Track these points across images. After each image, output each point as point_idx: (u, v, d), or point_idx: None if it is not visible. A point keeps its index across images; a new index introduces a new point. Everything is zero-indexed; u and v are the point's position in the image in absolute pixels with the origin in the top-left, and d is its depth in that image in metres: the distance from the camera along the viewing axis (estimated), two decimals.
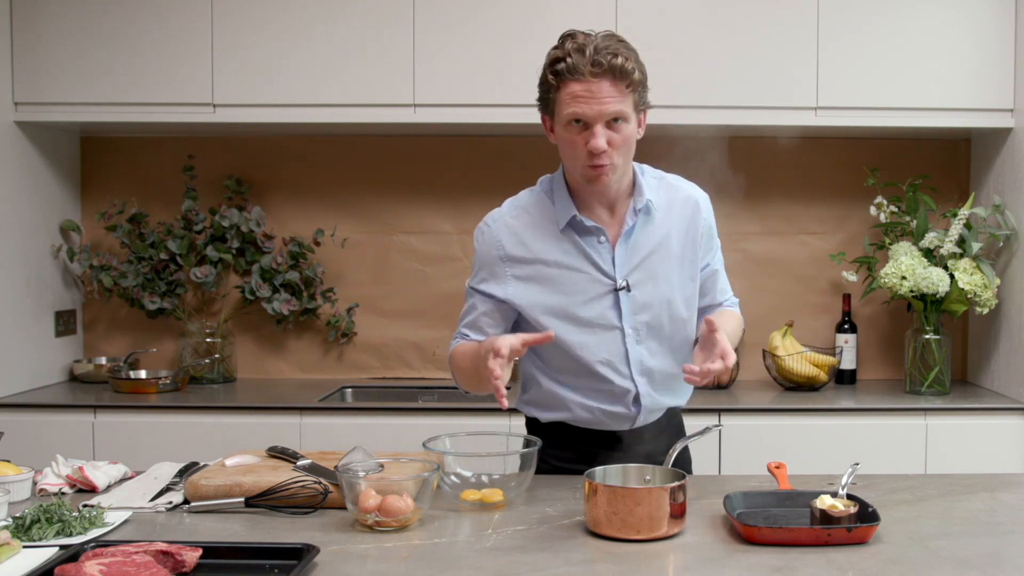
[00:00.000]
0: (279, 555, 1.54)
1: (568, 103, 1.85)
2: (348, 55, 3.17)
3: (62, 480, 1.98)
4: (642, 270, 1.98)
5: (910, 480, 2.08)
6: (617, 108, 1.83)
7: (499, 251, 2.01)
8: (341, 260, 3.60)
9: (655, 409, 2.05)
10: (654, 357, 2.00)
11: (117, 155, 3.61)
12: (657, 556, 1.59)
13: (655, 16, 3.16)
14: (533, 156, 3.56)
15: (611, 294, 1.96)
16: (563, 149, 1.92)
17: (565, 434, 2.07)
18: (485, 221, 2.05)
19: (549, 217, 1.99)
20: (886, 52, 3.16)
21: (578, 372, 2.00)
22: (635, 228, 1.97)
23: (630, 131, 1.88)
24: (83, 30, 3.19)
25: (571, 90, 1.84)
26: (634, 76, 1.84)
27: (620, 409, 2.01)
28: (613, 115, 1.84)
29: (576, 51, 1.84)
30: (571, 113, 1.85)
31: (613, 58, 1.82)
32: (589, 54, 1.82)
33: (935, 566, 1.54)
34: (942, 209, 3.42)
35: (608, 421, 2.03)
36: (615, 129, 1.86)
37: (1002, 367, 3.26)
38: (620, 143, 1.87)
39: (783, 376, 3.33)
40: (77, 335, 3.59)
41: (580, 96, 1.83)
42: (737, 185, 3.43)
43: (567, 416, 2.04)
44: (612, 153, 1.86)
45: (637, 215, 1.97)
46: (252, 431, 3.00)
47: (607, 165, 1.87)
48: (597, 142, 1.83)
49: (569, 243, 1.97)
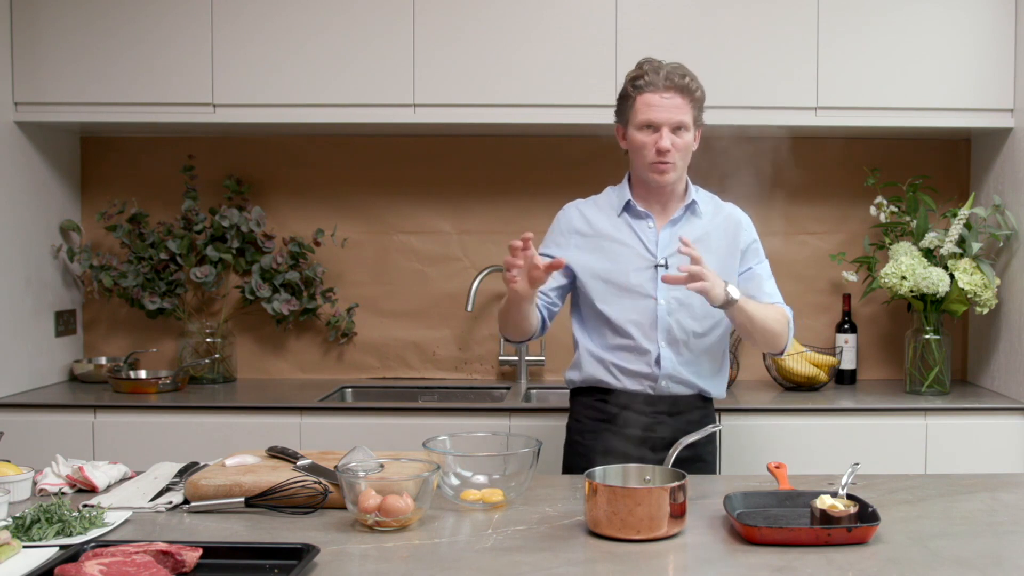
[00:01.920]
0: (279, 555, 1.54)
1: (643, 110, 2.28)
2: (348, 55, 3.17)
3: (62, 480, 1.98)
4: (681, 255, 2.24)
5: (910, 480, 2.08)
6: (681, 118, 2.28)
7: (568, 225, 2.42)
8: (341, 260, 3.60)
9: (677, 377, 2.33)
10: (682, 330, 2.32)
11: (117, 155, 3.61)
12: (657, 556, 1.59)
13: (655, 16, 3.16)
14: (533, 156, 3.57)
15: (651, 269, 2.33)
16: (634, 150, 2.33)
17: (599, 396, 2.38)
18: (567, 204, 2.48)
19: (612, 205, 2.42)
20: (886, 52, 3.16)
21: (613, 330, 2.34)
22: (680, 219, 2.38)
23: (689, 139, 2.32)
24: (83, 30, 3.19)
25: (647, 100, 2.28)
26: (696, 94, 2.32)
27: (643, 368, 2.32)
28: (678, 123, 2.28)
29: (652, 71, 2.29)
30: (645, 119, 2.28)
31: (681, 78, 2.29)
32: (663, 74, 2.28)
33: (935, 566, 1.54)
34: (942, 209, 3.42)
35: (634, 380, 2.33)
36: (678, 135, 2.29)
37: (1002, 367, 3.26)
38: (681, 147, 2.30)
39: (783, 376, 3.33)
40: (77, 335, 3.59)
41: (654, 105, 2.27)
42: (737, 185, 3.43)
43: (601, 373, 2.35)
44: (675, 154, 2.28)
45: (685, 211, 2.38)
46: (252, 431, 3.00)
47: (670, 164, 2.28)
48: (664, 142, 2.26)
49: (624, 224, 2.39)
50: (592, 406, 2.39)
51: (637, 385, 2.34)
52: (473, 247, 3.60)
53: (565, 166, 3.52)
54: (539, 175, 3.55)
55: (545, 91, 3.15)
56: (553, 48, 3.16)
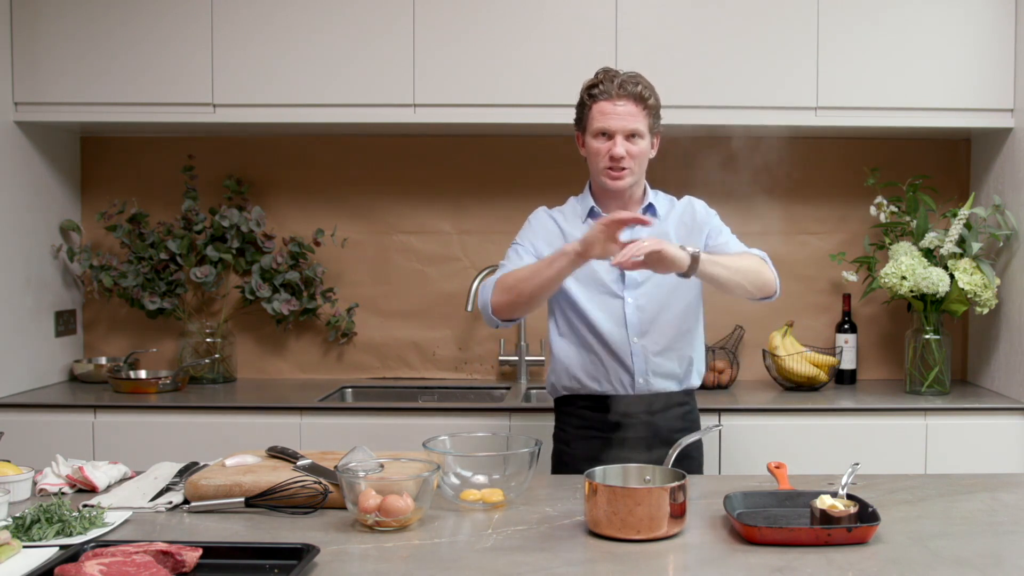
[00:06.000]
0: (279, 555, 1.54)
1: (598, 118, 2.33)
2: (348, 55, 3.17)
3: (62, 480, 1.98)
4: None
5: (910, 480, 2.08)
6: (635, 126, 2.31)
7: (539, 224, 2.47)
8: (341, 260, 3.60)
9: (654, 370, 2.38)
10: (651, 320, 2.38)
11: (117, 155, 3.61)
12: (657, 556, 1.59)
13: (655, 16, 3.16)
14: (533, 156, 3.57)
15: (615, 270, 2.33)
16: (590, 157, 2.38)
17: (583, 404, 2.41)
18: (536, 209, 2.54)
19: (577, 213, 2.48)
20: (886, 52, 3.16)
21: (589, 331, 2.37)
22: None
23: (644, 146, 2.35)
24: (83, 30, 3.19)
25: (601, 108, 2.32)
26: (649, 102, 2.34)
27: (620, 366, 2.36)
28: (631, 131, 2.31)
29: (607, 80, 2.33)
30: (599, 127, 2.32)
31: (634, 87, 2.32)
32: (617, 82, 2.32)
33: (935, 566, 1.54)
34: (942, 209, 3.42)
35: (613, 380, 2.37)
36: (632, 142, 2.32)
37: (1002, 367, 3.26)
38: (636, 154, 2.33)
39: (783, 376, 3.33)
40: (77, 335, 3.59)
41: (608, 113, 2.31)
42: (737, 185, 3.43)
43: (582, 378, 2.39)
44: (629, 160, 2.31)
45: (643, 213, 2.37)
46: (252, 431, 3.00)
47: (625, 169, 2.32)
48: (618, 150, 2.30)
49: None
50: (575, 414, 2.43)
51: (617, 386, 2.37)
52: (473, 247, 3.60)
53: (565, 166, 3.51)
54: (539, 175, 3.55)
55: (545, 91, 3.15)
56: (553, 48, 3.16)
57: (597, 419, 2.38)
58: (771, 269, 2.38)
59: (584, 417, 2.41)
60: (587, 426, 2.40)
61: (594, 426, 2.39)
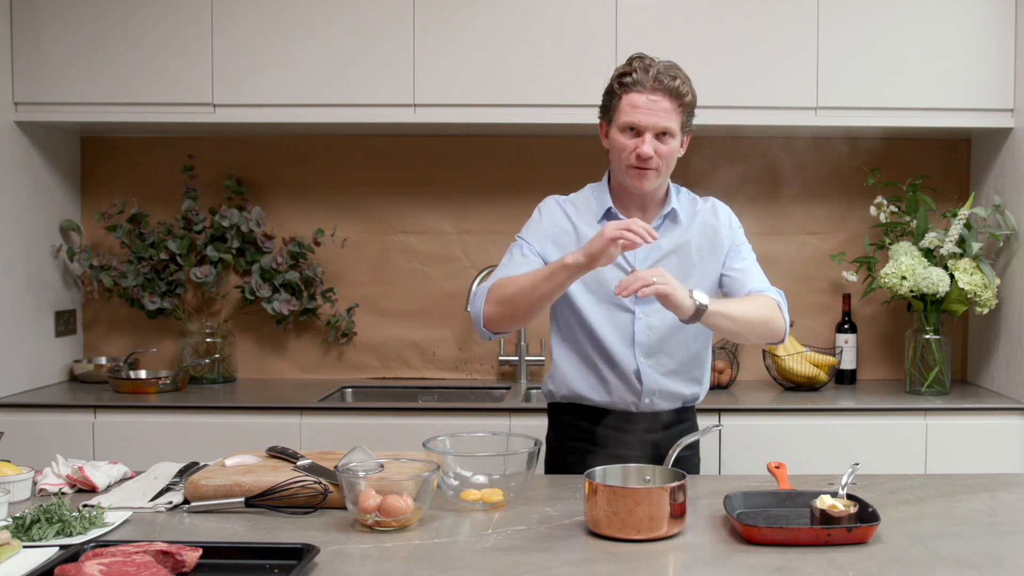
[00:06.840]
0: (279, 555, 1.54)
1: (627, 111, 2.11)
2: (348, 55, 3.17)
3: (62, 480, 1.98)
4: (659, 266, 2.15)
5: (910, 480, 2.08)
6: (667, 124, 2.10)
7: (549, 219, 2.26)
8: (341, 260, 3.60)
9: (661, 392, 2.23)
10: (661, 341, 2.20)
11: (117, 155, 3.61)
12: (657, 556, 1.59)
13: (655, 16, 3.16)
14: (533, 156, 3.56)
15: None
16: (614, 151, 2.17)
17: (581, 416, 2.27)
18: (547, 198, 2.31)
19: (591, 209, 2.25)
20: (886, 52, 3.16)
21: (593, 341, 2.21)
22: (659, 229, 2.19)
23: (674, 146, 2.14)
24: (83, 30, 3.19)
25: (632, 100, 2.11)
26: (686, 99, 2.12)
27: (624, 383, 2.20)
28: (663, 129, 2.10)
29: (642, 69, 2.11)
30: (628, 121, 2.11)
31: (671, 80, 2.10)
32: (653, 73, 2.10)
33: (935, 566, 1.54)
34: (942, 209, 3.42)
35: (615, 397, 2.22)
36: (662, 141, 2.11)
37: (1002, 367, 3.26)
38: (665, 154, 2.12)
39: (783, 376, 3.33)
40: (77, 335, 3.59)
41: (639, 107, 2.10)
42: (737, 185, 3.43)
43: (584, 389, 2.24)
44: (657, 160, 2.11)
45: (664, 220, 2.22)
46: (252, 431, 3.00)
47: (651, 170, 2.11)
48: (646, 149, 2.09)
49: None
50: (574, 425, 2.28)
51: (620, 402, 2.22)
52: (473, 247, 3.60)
53: (565, 166, 3.51)
54: (539, 175, 3.55)
55: (545, 91, 3.15)
56: (553, 48, 3.16)
57: (594, 432, 2.24)
58: (783, 315, 2.18)
59: (581, 428, 2.27)
60: (583, 438, 2.26)
61: (591, 439, 2.24)
